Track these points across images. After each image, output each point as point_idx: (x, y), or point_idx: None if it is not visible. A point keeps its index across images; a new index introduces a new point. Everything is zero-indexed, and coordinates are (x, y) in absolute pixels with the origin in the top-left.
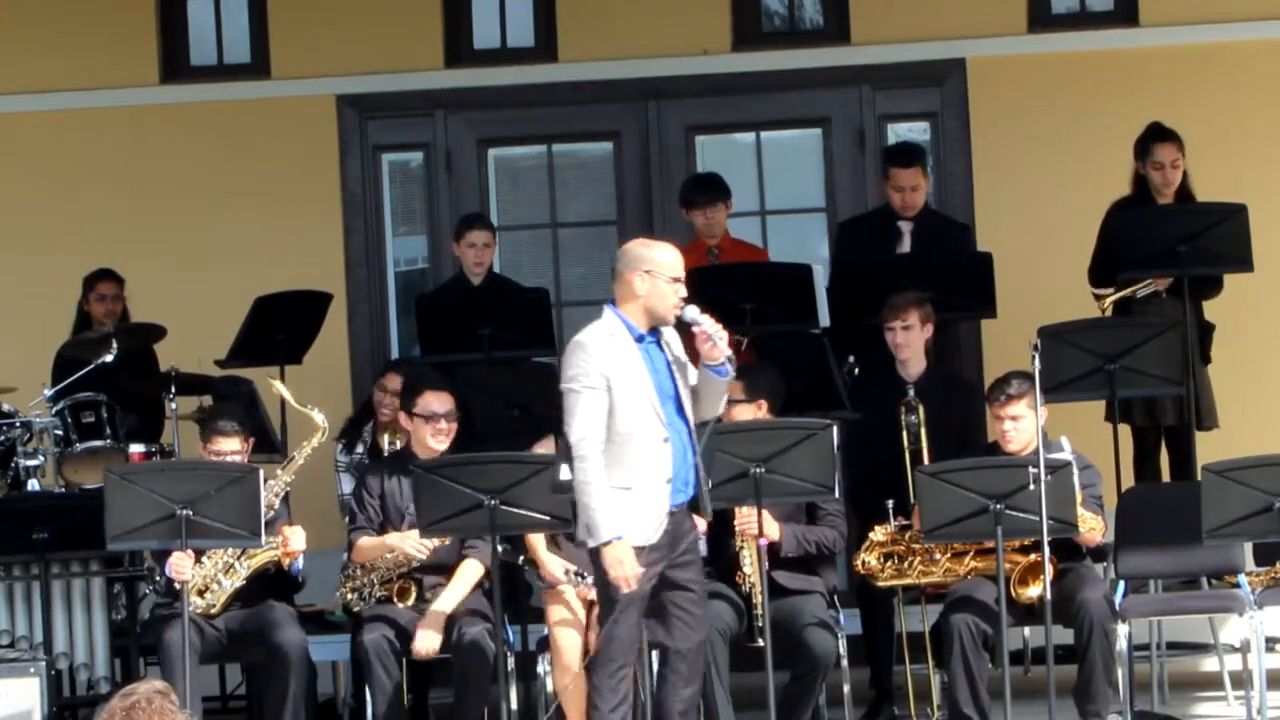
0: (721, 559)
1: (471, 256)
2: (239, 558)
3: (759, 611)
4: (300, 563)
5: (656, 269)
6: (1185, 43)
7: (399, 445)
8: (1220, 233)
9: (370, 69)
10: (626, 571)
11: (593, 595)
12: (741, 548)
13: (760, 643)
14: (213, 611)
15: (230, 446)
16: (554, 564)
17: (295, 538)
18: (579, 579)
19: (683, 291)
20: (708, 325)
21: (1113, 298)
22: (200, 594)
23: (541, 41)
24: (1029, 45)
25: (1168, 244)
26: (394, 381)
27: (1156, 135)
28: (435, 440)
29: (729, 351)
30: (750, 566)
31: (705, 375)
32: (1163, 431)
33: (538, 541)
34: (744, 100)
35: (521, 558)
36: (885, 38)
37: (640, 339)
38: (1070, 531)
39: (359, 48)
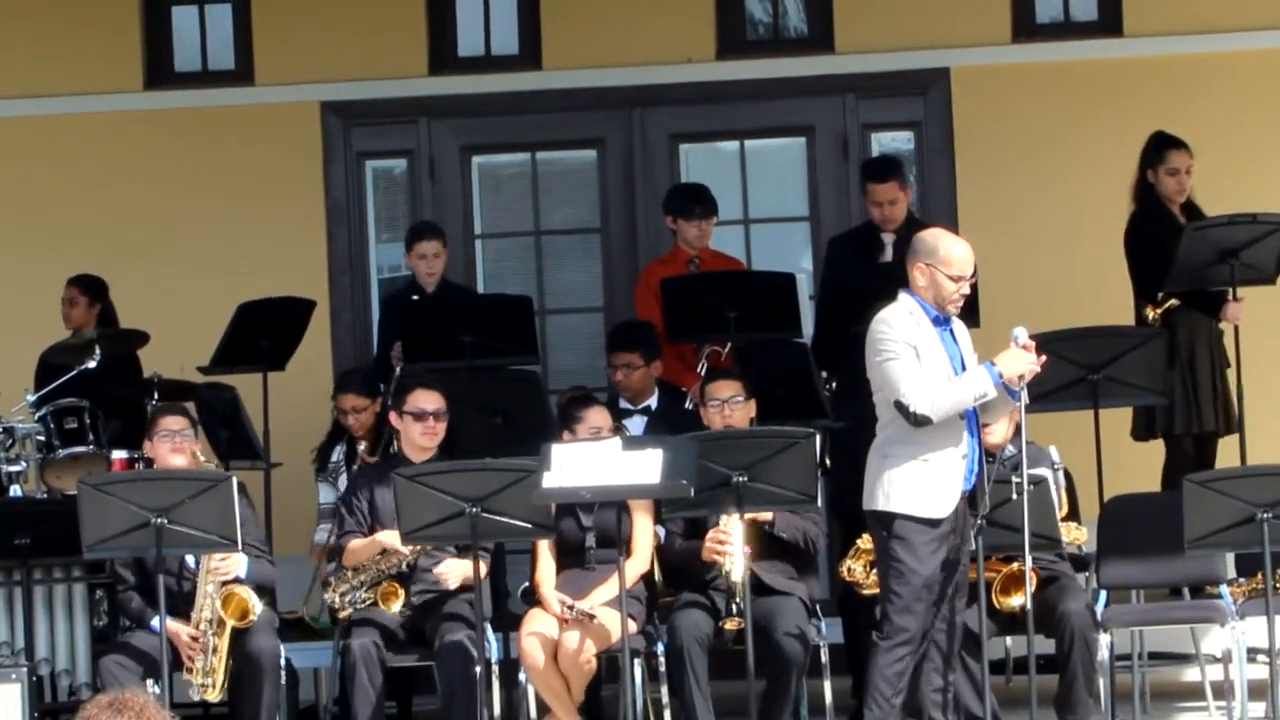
0: (695, 563)
1: (423, 268)
2: (214, 633)
3: (738, 599)
4: (243, 570)
5: (937, 264)
6: (1169, 53)
7: (395, 447)
8: (1266, 245)
9: (354, 75)
10: (1030, 356)
11: (580, 615)
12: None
13: (736, 623)
14: (212, 696)
15: (178, 424)
16: (553, 600)
17: (228, 563)
18: (569, 610)
19: (965, 290)
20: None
21: (1163, 308)
22: (206, 675)
23: (526, 49)
24: (1013, 55)
25: (1219, 255)
26: (348, 401)
27: (1171, 143)
28: (425, 439)
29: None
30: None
31: (1000, 391)
32: (1203, 439)
33: (544, 579)
34: (728, 108)
35: (523, 588)
36: (870, 47)
37: (937, 320)
38: (1053, 547)
39: (343, 54)
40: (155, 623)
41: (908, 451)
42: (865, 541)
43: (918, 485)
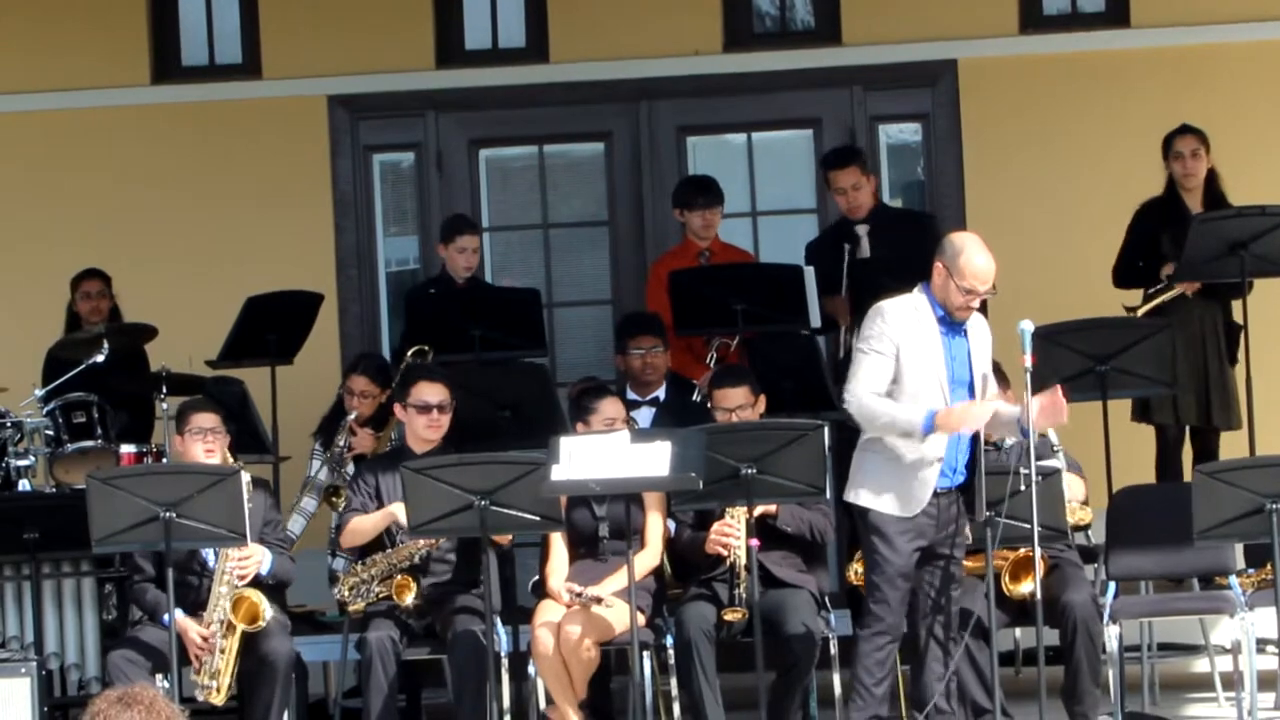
0: (702, 555)
1: (462, 262)
2: (223, 635)
3: (740, 590)
4: (265, 567)
5: (955, 270)
6: (1176, 44)
7: (392, 440)
8: (1277, 237)
9: (361, 69)
10: (972, 414)
11: (588, 599)
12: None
13: (740, 614)
14: (216, 700)
15: (210, 423)
16: (561, 590)
17: (249, 562)
18: (577, 596)
19: (974, 304)
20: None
21: (1146, 308)
22: (212, 677)
23: (533, 42)
24: (1020, 46)
25: (1228, 248)
26: (358, 384)
27: (1179, 130)
28: (430, 431)
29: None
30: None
31: (1011, 417)
32: (1185, 431)
33: (554, 571)
34: (735, 101)
35: (533, 581)
36: (876, 38)
37: (943, 320)
38: (1062, 539)
39: (350, 48)
40: (168, 618)
41: (883, 449)
42: None
43: (885, 483)
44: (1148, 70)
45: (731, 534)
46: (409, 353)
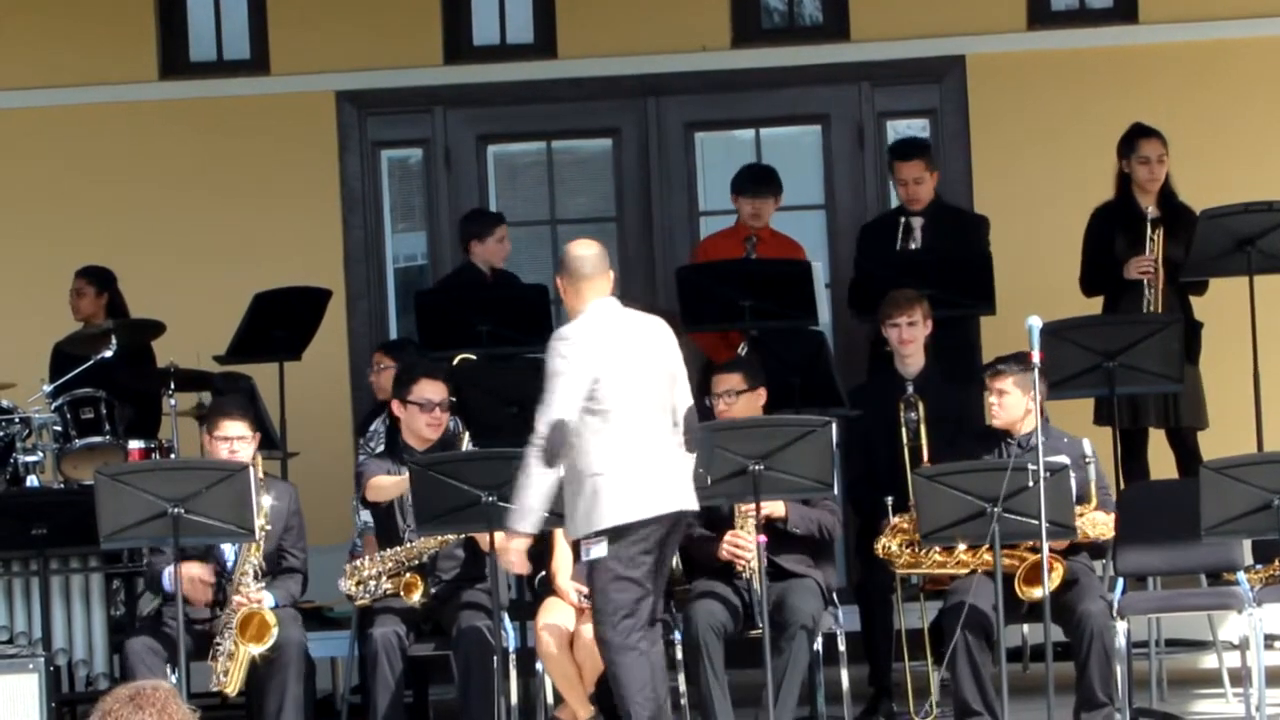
0: (711, 554)
1: (500, 253)
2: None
3: (758, 596)
4: (271, 601)
5: None
6: (1185, 40)
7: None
8: None
9: (370, 65)
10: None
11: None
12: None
13: (758, 628)
14: (229, 689)
15: (237, 431)
16: (570, 590)
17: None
18: (586, 600)
19: None
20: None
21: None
22: (225, 673)
23: (541, 38)
24: (1029, 42)
25: (1235, 244)
26: (385, 359)
27: (1141, 132)
28: (431, 430)
29: None
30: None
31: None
32: (1147, 434)
33: (560, 569)
34: (743, 97)
35: (539, 576)
36: (885, 34)
37: None
38: (1068, 535)
39: (358, 44)
40: (166, 579)
41: None
42: (903, 521)
43: None
44: (1156, 66)
45: (744, 549)
46: (454, 360)
